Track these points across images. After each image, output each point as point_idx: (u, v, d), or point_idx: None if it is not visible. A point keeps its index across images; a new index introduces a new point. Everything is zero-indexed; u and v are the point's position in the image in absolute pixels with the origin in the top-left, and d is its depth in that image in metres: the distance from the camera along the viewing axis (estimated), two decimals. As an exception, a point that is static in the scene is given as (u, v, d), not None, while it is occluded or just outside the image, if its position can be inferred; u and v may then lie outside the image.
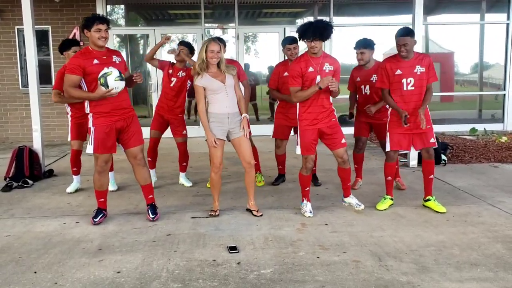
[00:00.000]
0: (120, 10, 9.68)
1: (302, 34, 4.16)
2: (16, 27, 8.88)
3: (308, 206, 4.40)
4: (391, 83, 4.38)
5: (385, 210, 4.50)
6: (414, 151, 6.28)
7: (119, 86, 3.86)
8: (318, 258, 3.42)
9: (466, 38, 9.84)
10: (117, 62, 4.07)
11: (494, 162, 6.69)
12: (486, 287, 2.96)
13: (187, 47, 5.32)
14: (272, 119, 9.77)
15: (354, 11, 9.72)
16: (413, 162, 6.40)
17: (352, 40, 5.15)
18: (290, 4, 9.73)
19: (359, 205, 4.37)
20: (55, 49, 9.00)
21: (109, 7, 9.33)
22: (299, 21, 9.95)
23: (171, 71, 5.32)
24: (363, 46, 4.98)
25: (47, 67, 8.99)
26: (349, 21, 9.72)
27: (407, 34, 4.26)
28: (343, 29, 8.98)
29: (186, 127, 5.53)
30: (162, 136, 5.54)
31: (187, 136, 5.53)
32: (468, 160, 6.82)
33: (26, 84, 8.43)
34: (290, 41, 5.09)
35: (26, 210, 4.66)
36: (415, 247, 3.61)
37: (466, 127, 9.42)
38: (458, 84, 10.33)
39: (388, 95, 4.43)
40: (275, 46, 9.37)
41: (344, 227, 4.07)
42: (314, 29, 4.08)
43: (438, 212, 4.41)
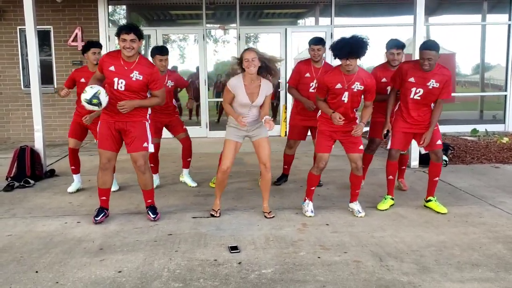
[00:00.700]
0: (121, 11, 9.69)
1: (337, 52, 4.03)
2: (18, 27, 8.90)
3: (310, 205, 4.40)
4: (402, 86, 4.36)
5: (386, 210, 4.50)
6: (415, 152, 6.33)
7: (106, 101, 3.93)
8: (319, 258, 3.42)
9: (468, 39, 9.83)
10: (133, 78, 3.95)
11: (495, 163, 6.69)
12: (487, 287, 2.96)
13: (167, 53, 5.14)
14: (274, 120, 9.85)
15: (356, 12, 9.72)
16: (414, 163, 6.39)
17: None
18: (292, 4, 9.73)
19: (359, 212, 4.36)
20: (56, 49, 9.05)
21: (110, 8, 9.35)
22: (301, 21, 9.96)
23: None
24: (401, 47, 4.83)
25: (49, 67, 9.00)
26: (350, 22, 9.72)
27: (433, 49, 4.11)
28: (344, 30, 8.99)
29: (186, 127, 5.51)
30: (161, 136, 5.52)
31: (187, 131, 5.48)
32: (469, 161, 6.81)
33: (28, 84, 8.47)
34: (316, 42, 4.96)
35: (27, 209, 4.67)
36: (416, 247, 3.61)
37: (467, 128, 9.42)
38: (460, 85, 10.33)
39: (392, 98, 4.44)
40: (277, 47, 9.39)
41: (345, 227, 4.07)
42: (349, 47, 3.97)
43: (439, 212, 4.41)
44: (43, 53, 8.87)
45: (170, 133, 5.48)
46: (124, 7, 9.63)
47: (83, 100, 3.88)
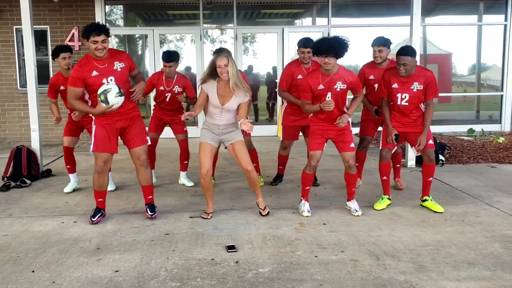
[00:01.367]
0: (118, 11, 9.68)
1: (316, 49, 4.07)
2: (15, 27, 8.88)
3: (306, 205, 4.41)
4: (389, 93, 4.39)
5: (382, 209, 4.51)
6: (411, 152, 6.35)
7: (119, 102, 3.88)
8: (316, 257, 3.42)
9: (464, 39, 9.87)
10: (118, 69, 4.02)
11: (491, 163, 6.71)
12: (484, 286, 2.97)
13: (175, 60, 5.19)
14: (270, 120, 9.89)
15: (352, 12, 9.74)
16: (411, 163, 6.41)
17: (351, 41, 5.12)
18: (289, 4, 9.74)
19: (356, 210, 4.36)
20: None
21: (107, 8, 9.33)
22: (298, 21, 9.98)
23: (162, 87, 5.23)
24: (382, 44, 4.85)
25: (46, 67, 8.98)
26: (347, 22, 9.74)
27: (408, 54, 4.17)
28: (341, 30, 9.01)
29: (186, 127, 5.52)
30: (160, 136, 5.54)
31: (187, 133, 5.51)
32: (466, 161, 6.84)
33: (24, 84, 8.46)
34: (306, 44, 4.93)
35: (24, 209, 4.66)
36: (413, 246, 3.62)
37: (463, 128, 9.45)
38: (456, 85, 10.36)
39: (386, 106, 4.46)
40: (274, 47, 9.40)
41: (342, 226, 4.08)
42: (328, 45, 3.98)
43: (436, 211, 4.42)
44: (40, 53, 8.85)
45: (171, 130, 5.49)
46: (120, 7, 9.62)
47: (98, 91, 3.87)
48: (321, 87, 4.14)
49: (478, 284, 2.99)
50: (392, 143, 4.38)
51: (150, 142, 4.34)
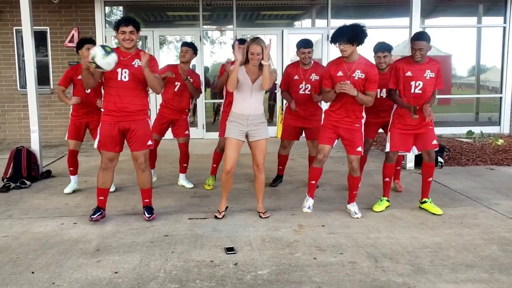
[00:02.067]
0: (118, 12, 9.69)
1: (332, 37, 4.13)
2: (15, 28, 8.90)
3: (309, 202, 4.40)
4: (400, 84, 4.38)
5: (381, 211, 4.52)
6: (411, 154, 6.35)
7: (111, 61, 3.83)
8: (315, 259, 3.43)
9: (463, 41, 9.89)
10: (135, 65, 4.05)
11: (490, 165, 6.73)
12: (481, 288, 2.99)
13: (192, 48, 5.32)
14: (270, 121, 9.90)
15: (352, 14, 9.75)
16: (410, 165, 6.43)
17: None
18: (288, 6, 9.75)
19: (356, 213, 4.37)
20: (53, 50, 9.05)
21: (107, 9, 9.35)
22: (297, 23, 9.99)
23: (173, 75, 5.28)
24: (387, 49, 4.85)
25: (45, 68, 9.00)
26: (346, 23, 9.73)
27: (423, 39, 4.22)
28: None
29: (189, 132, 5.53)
30: (164, 135, 5.53)
31: (189, 137, 5.51)
32: (464, 163, 6.85)
33: (24, 85, 8.47)
34: (304, 44, 4.98)
35: (23, 210, 4.67)
36: (411, 248, 3.63)
37: (463, 130, 9.47)
38: (455, 87, 10.38)
39: (395, 94, 4.45)
40: (273, 48, 9.39)
41: (341, 228, 4.09)
42: (342, 31, 4.04)
43: (434, 214, 4.43)
44: (40, 54, 8.86)
45: (172, 133, 5.50)
46: (120, 8, 9.63)
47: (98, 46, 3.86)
48: (340, 73, 4.16)
49: (476, 287, 3.00)
50: (414, 116, 4.24)
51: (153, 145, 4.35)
